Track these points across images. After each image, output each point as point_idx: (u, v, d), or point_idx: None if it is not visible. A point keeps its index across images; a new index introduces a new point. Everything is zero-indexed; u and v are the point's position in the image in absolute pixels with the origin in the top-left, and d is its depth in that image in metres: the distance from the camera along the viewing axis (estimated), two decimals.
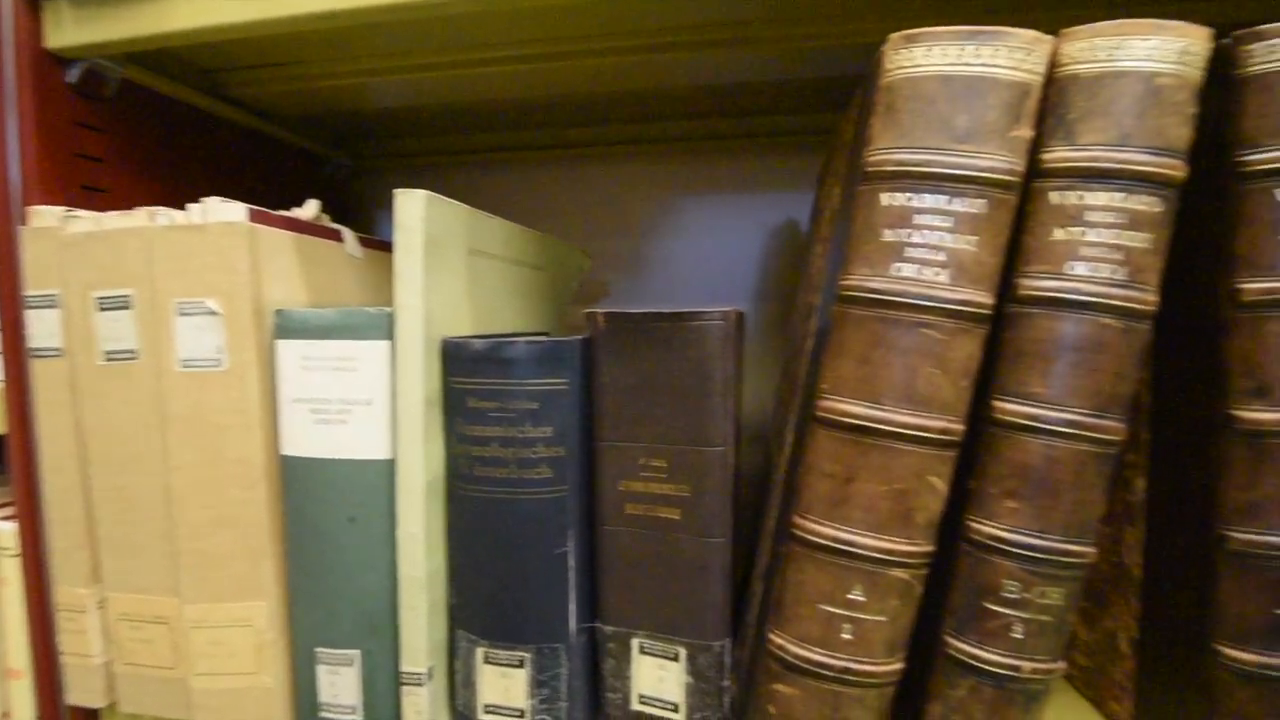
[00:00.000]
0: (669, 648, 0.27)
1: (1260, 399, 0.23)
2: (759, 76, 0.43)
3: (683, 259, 0.57)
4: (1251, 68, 0.23)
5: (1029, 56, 0.21)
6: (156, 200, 0.29)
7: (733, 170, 0.56)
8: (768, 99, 0.48)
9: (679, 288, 0.57)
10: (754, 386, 0.55)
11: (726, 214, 0.57)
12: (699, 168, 0.57)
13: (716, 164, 0.56)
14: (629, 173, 0.57)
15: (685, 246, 0.57)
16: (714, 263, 0.57)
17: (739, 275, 0.57)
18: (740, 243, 0.57)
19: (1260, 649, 0.24)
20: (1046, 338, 0.22)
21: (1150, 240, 0.21)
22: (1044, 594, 0.22)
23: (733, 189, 0.57)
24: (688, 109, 0.50)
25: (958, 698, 0.23)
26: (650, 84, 0.44)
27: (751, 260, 0.57)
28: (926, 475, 0.22)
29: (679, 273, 0.58)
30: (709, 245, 0.57)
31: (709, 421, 0.25)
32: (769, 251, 0.57)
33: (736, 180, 0.56)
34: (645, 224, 0.58)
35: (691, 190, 0.57)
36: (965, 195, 0.21)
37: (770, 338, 0.57)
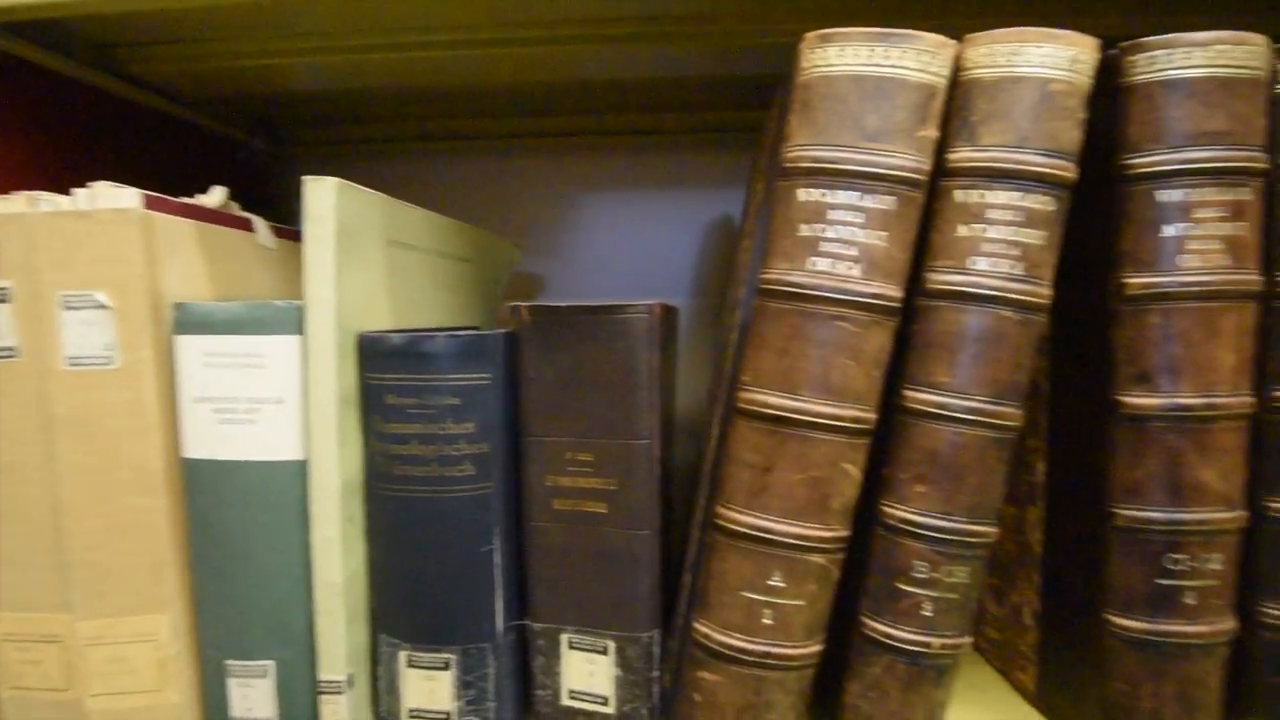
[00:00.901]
0: (598, 641, 0.27)
1: (1142, 385, 0.25)
2: (693, 72, 0.43)
3: (619, 254, 0.57)
4: (1135, 77, 0.25)
5: (934, 60, 0.22)
6: (48, 188, 0.27)
7: (669, 165, 0.57)
8: (703, 94, 0.48)
9: (615, 282, 0.57)
10: (689, 381, 0.56)
11: (663, 209, 0.57)
12: (636, 162, 0.57)
13: (653, 159, 0.56)
14: (565, 166, 0.57)
15: (621, 241, 0.57)
16: (650, 258, 0.57)
17: (675, 270, 0.58)
18: (676, 238, 0.57)
19: (1144, 616, 0.25)
20: (951, 329, 0.23)
21: (1045, 237, 0.23)
22: (951, 573, 0.23)
23: (669, 184, 0.57)
24: (623, 102, 0.50)
25: (874, 675, 0.24)
26: (583, 76, 0.43)
27: (687, 255, 0.58)
28: (841, 463, 0.23)
29: (615, 267, 0.57)
30: (645, 240, 0.57)
31: (635, 414, 0.25)
32: (705, 247, 0.58)
33: (673, 175, 0.57)
34: (581, 218, 0.57)
35: (628, 185, 0.57)
36: (876, 192, 0.22)
37: (705, 333, 0.57)
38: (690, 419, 0.55)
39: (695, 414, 0.56)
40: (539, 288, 0.58)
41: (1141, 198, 0.24)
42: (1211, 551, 0.25)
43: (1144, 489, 0.25)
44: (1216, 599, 0.25)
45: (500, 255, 0.44)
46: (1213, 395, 0.24)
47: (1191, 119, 0.24)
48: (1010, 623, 0.34)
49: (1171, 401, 0.24)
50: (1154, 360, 0.24)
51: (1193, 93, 0.24)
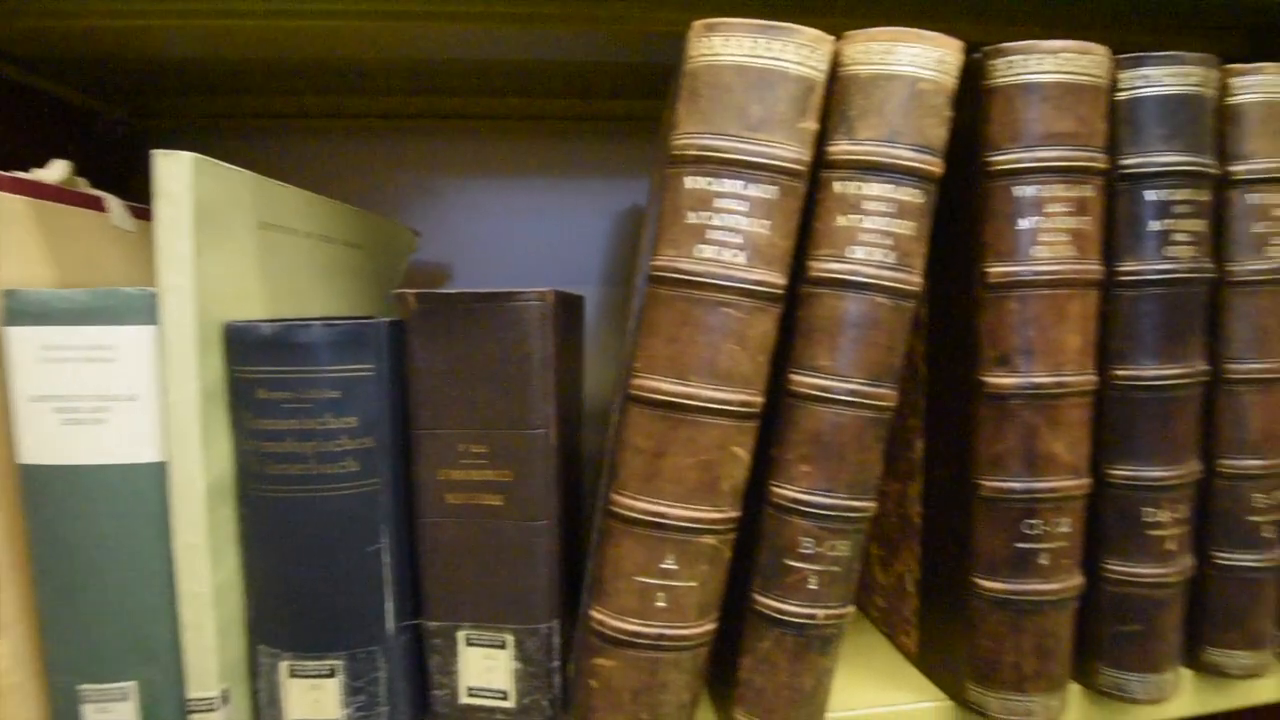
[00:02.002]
0: (496, 635, 0.27)
1: (1002, 366, 0.27)
2: (596, 57, 0.43)
3: (527, 242, 0.56)
4: (996, 80, 0.26)
5: (813, 54, 0.23)
6: None
7: (579, 152, 0.56)
8: (610, 81, 0.48)
9: (523, 271, 0.56)
10: (600, 370, 0.56)
11: (572, 197, 0.56)
12: (545, 148, 0.56)
13: (562, 145, 0.56)
14: (469, 150, 0.55)
15: (529, 229, 0.56)
16: (559, 246, 0.57)
17: (585, 259, 0.57)
18: (587, 226, 0.57)
19: (1005, 578, 0.28)
20: (832, 315, 0.24)
21: (915, 228, 0.24)
22: (834, 547, 0.25)
23: (579, 171, 0.56)
24: (530, 84, 0.49)
25: (764, 649, 0.25)
26: (487, 55, 0.42)
27: (598, 244, 0.57)
28: (730, 446, 0.23)
29: (523, 256, 0.56)
30: (554, 228, 0.56)
31: (529, 404, 0.25)
32: (615, 235, 0.58)
33: (583, 162, 0.56)
34: (487, 205, 0.56)
35: (538, 171, 0.56)
36: (759, 181, 0.22)
37: (615, 321, 0.57)
38: (601, 408, 0.55)
39: (604, 402, 0.56)
40: (443, 276, 0.56)
41: (1001, 193, 0.26)
42: (1061, 516, 0.27)
43: (1004, 461, 0.27)
44: (1066, 559, 0.28)
45: (397, 242, 0.42)
46: (1062, 374, 0.26)
47: (1043, 120, 0.26)
48: (894, 591, 0.36)
49: (1027, 380, 0.26)
50: (1012, 343, 0.26)
51: (1045, 96, 0.26)
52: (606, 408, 0.55)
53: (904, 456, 0.34)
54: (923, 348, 0.32)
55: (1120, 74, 0.28)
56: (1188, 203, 0.28)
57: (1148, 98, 0.28)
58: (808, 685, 0.26)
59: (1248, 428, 0.31)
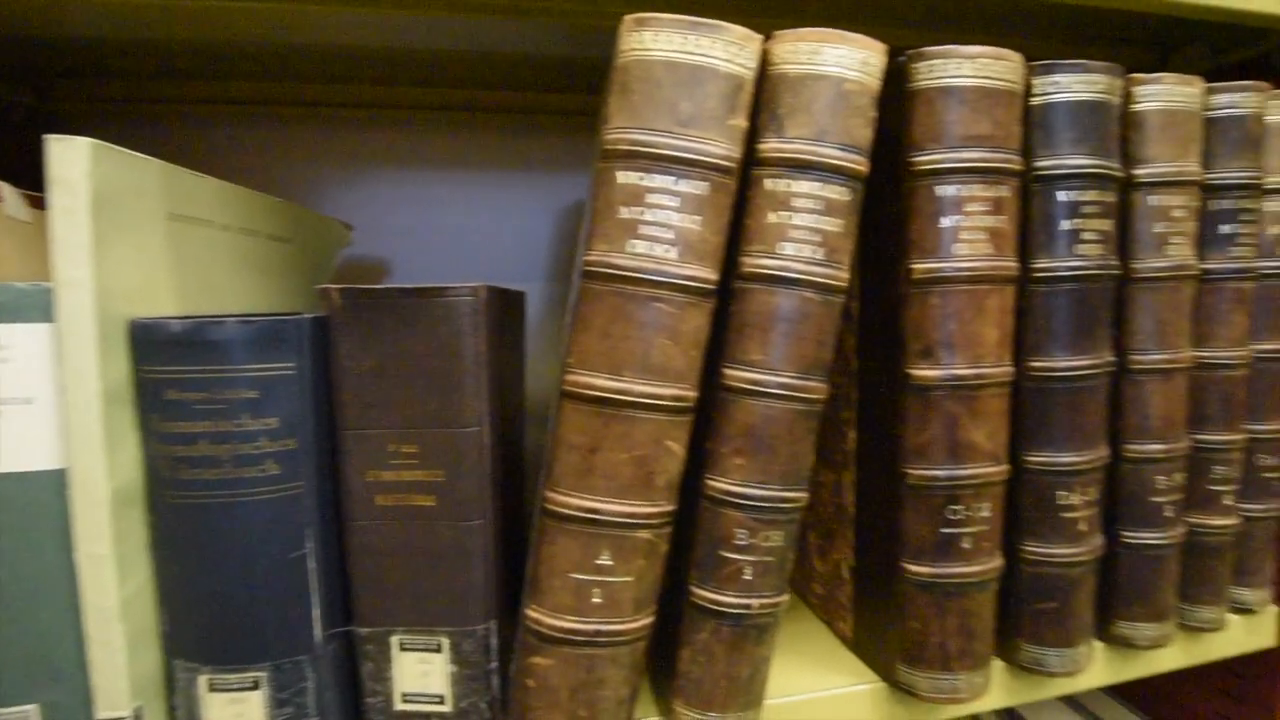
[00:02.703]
0: (431, 639, 0.26)
1: (926, 359, 0.28)
2: (543, 50, 0.42)
3: (469, 237, 0.55)
4: (918, 83, 0.27)
5: (741, 52, 0.23)
6: None
7: (525, 146, 0.55)
8: (558, 75, 0.47)
9: (467, 266, 0.55)
10: (545, 367, 0.55)
11: (518, 191, 0.56)
12: (489, 141, 0.54)
13: (507, 138, 0.55)
14: (410, 141, 0.53)
15: (474, 224, 0.55)
16: (504, 241, 0.56)
17: (531, 254, 0.57)
18: (532, 221, 0.56)
19: (931, 562, 0.29)
20: (763, 310, 0.24)
21: (842, 225, 0.25)
22: (768, 538, 0.25)
23: (525, 166, 0.55)
24: (474, 76, 0.47)
25: (702, 641, 0.26)
26: (427, 44, 0.40)
27: (543, 239, 0.57)
28: (665, 440, 0.23)
29: (466, 251, 0.55)
30: (499, 223, 0.56)
31: (462, 402, 0.24)
32: (561, 231, 0.57)
33: (529, 156, 0.55)
34: (429, 198, 0.54)
35: (481, 165, 0.55)
36: (690, 177, 0.22)
37: (560, 318, 0.57)
38: (546, 406, 0.54)
39: (549, 401, 0.55)
40: (381, 272, 0.54)
41: (924, 192, 0.27)
42: (982, 501, 0.29)
43: (929, 450, 0.28)
44: (987, 542, 0.29)
45: (327, 236, 0.41)
46: (981, 366, 0.28)
47: (963, 123, 0.27)
48: (831, 578, 0.37)
49: (949, 372, 0.27)
50: (935, 337, 0.28)
51: (964, 100, 0.27)
52: (549, 405, 0.55)
53: (839, 447, 0.35)
54: (855, 341, 0.33)
55: (1034, 80, 0.29)
56: (1095, 203, 0.30)
57: (1059, 103, 0.29)
58: (745, 674, 0.26)
59: (1150, 414, 0.33)
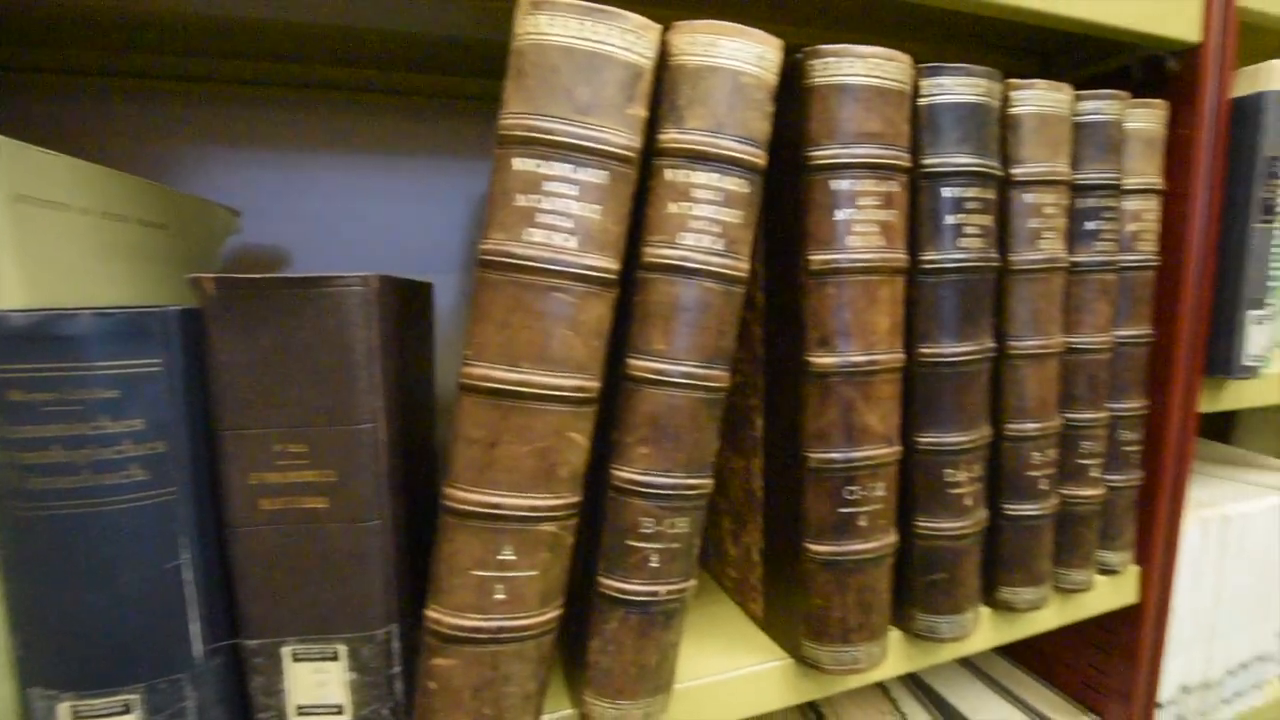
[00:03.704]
0: (326, 647, 0.25)
1: (823, 348, 0.29)
2: (459, 32, 0.40)
3: (381, 226, 0.53)
4: (814, 79, 0.28)
5: (639, 40, 0.23)
6: None
7: (439, 131, 0.53)
8: (475, 58, 0.45)
9: (376, 256, 0.53)
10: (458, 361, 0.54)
11: (432, 178, 0.54)
12: (400, 125, 0.52)
13: (420, 122, 0.53)
14: (315, 123, 0.50)
15: (385, 212, 0.53)
16: (417, 230, 0.54)
17: (445, 244, 0.55)
18: (448, 209, 0.54)
19: (831, 540, 0.30)
20: (665, 300, 0.24)
21: (741, 216, 0.25)
22: (674, 525, 0.25)
23: (439, 151, 0.53)
24: (385, 56, 0.45)
25: (611, 630, 0.26)
26: (333, 20, 0.38)
27: (459, 228, 0.55)
28: (567, 432, 0.23)
29: (376, 240, 0.53)
30: (412, 211, 0.53)
31: (353, 398, 0.23)
32: (478, 220, 0.55)
33: (443, 142, 0.53)
34: (336, 184, 0.51)
35: (392, 150, 0.52)
36: (589, 166, 0.22)
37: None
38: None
39: None
40: (282, 263, 0.51)
41: (820, 186, 0.28)
42: (877, 481, 0.30)
43: (827, 434, 0.29)
44: (882, 519, 0.31)
45: (211, 222, 0.38)
46: (874, 353, 0.29)
47: (855, 119, 0.28)
48: (744, 561, 0.38)
49: (845, 360, 0.29)
50: (832, 325, 0.29)
51: (856, 97, 0.28)
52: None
53: (747, 434, 0.36)
54: (761, 331, 0.34)
55: (921, 81, 0.31)
56: (977, 200, 0.32)
57: (944, 104, 0.31)
58: (653, 661, 0.26)
59: (1027, 396, 0.35)
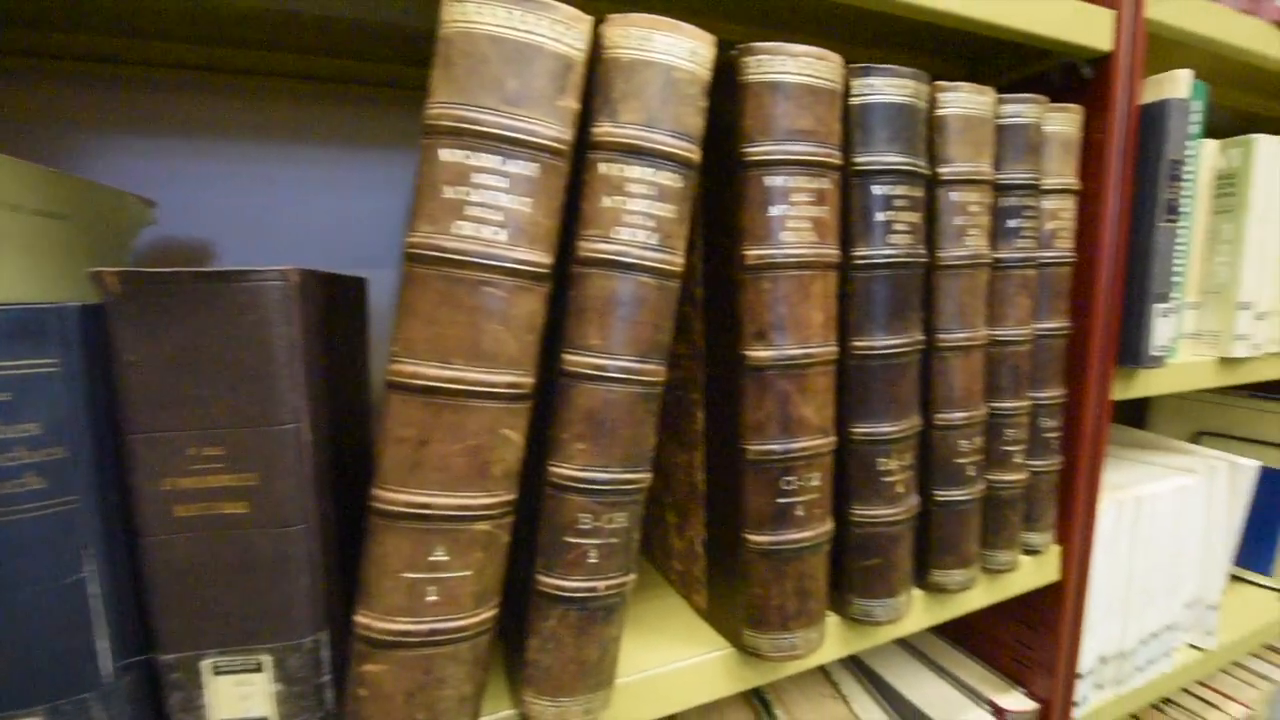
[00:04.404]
0: (250, 659, 0.24)
1: (760, 341, 0.29)
2: (394, 18, 0.39)
3: (314, 219, 0.51)
4: (748, 76, 0.29)
5: (569, 32, 0.23)
6: None
7: (374, 121, 0.51)
8: (410, 46, 0.44)
9: (308, 250, 0.51)
10: None
11: (366, 170, 0.52)
12: (334, 114, 0.50)
13: (355, 112, 0.51)
14: (245, 111, 0.48)
15: (317, 205, 0.51)
16: (352, 224, 0.52)
17: (382, 238, 0.53)
18: (383, 202, 0.52)
19: (769, 530, 0.31)
20: (601, 295, 0.24)
21: (676, 211, 0.25)
22: (612, 520, 0.25)
23: (374, 142, 0.52)
24: (318, 42, 0.43)
25: (550, 628, 0.26)
26: (263, 3, 0.36)
27: (395, 222, 0.53)
28: (500, 429, 0.23)
29: (309, 234, 0.51)
30: (346, 204, 0.52)
31: (274, 397, 0.22)
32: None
33: (378, 132, 0.52)
34: (266, 176, 0.49)
35: (325, 140, 0.50)
36: (519, 158, 0.22)
37: None
38: None
39: None
40: (206, 257, 0.48)
41: (755, 182, 0.29)
42: (813, 472, 0.31)
43: (765, 427, 0.30)
44: (818, 508, 0.32)
45: (120, 214, 0.36)
46: (808, 347, 0.30)
47: (788, 117, 0.29)
48: (688, 554, 0.38)
49: (781, 353, 0.29)
50: (767, 319, 0.29)
51: (789, 95, 0.29)
52: None
53: (690, 428, 0.36)
54: (701, 325, 0.34)
55: (852, 81, 0.32)
56: (905, 198, 0.33)
57: (874, 104, 0.32)
58: (594, 656, 0.26)
59: (954, 387, 0.37)
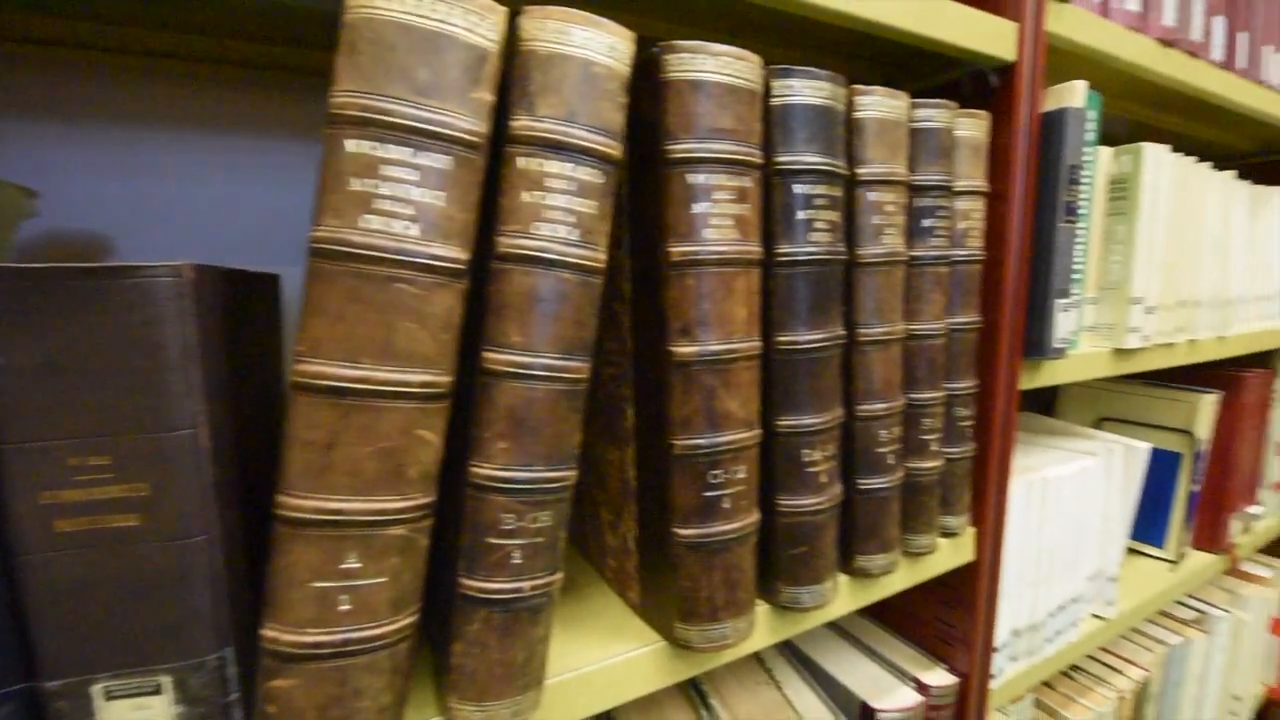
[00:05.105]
0: (147, 680, 0.22)
1: (685, 337, 0.30)
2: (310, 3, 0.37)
3: (227, 213, 0.48)
4: (670, 74, 0.29)
5: (482, 22, 0.22)
6: None
7: (292, 108, 0.49)
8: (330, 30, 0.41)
9: (221, 246, 0.48)
10: None
11: (282, 160, 0.49)
12: (245, 100, 0.47)
13: (268, 98, 0.48)
14: (145, 95, 0.44)
15: (232, 198, 0.48)
16: (269, 218, 0.49)
17: (303, 233, 0.51)
18: (302, 195, 0.50)
19: (697, 524, 0.31)
20: (521, 291, 0.24)
21: (597, 207, 0.25)
22: (536, 519, 0.25)
23: (291, 131, 0.49)
24: (226, 23, 0.40)
25: (474, 632, 0.25)
26: None
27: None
28: (416, 430, 0.22)
29: (222, 229, 0.48)
30: (262, 197, 0.49)
31: (166, 401, 0.21)
32: None
33: (296, 120, 0.49)
34: (168, 166, 0.46)
35: (235, 128, 0.48)
36: (430, 150, 0.21)
37: None
38: None
39: None
40: (96, 253, 0.45)
41: (678, 179, 0.29)
42: (739, 464, 0.32)
43: (691, 421, 0.30)
44: (745, 500, 0.32)
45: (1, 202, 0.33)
46: (732, 342, 0.30)
47: (709, 115, 0.29)
48: (621, 551, 0.38)
49: (705, 349, 0.30)
50: (692, 315, 0.30)
51: (710, 94, 0.29)
52: None
53: (621, 425, 0.36)
54: (630, 322, 0.34)
55: (773, 82, 0.32)
56: (825, 197, 0.34)
57: (794, 105, 0.33)
58: (520, 658, 0.26)
59: (874, 379, 0.38)
